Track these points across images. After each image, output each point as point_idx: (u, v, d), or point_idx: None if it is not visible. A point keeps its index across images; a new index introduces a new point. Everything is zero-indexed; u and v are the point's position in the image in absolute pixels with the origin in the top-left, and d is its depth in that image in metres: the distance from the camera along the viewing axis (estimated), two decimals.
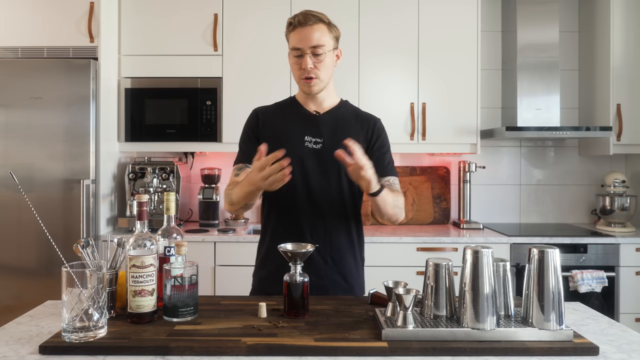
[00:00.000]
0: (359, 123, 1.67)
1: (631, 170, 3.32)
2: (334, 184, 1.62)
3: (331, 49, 1.58)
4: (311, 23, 1.54)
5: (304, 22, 1.54)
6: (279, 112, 1.69)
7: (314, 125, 1.64)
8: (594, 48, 3.17)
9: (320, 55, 1.55)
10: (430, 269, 1.19)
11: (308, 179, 1.60)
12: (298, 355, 1.05)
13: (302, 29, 1.55)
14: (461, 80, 3.00)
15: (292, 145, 1.58)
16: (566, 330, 1.10)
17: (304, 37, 1.54)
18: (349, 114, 1.69)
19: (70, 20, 2.74)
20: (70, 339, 1.07)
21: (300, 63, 1.56)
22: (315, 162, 1.60)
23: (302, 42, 1.54)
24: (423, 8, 2.99)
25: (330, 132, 1.63)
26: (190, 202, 3.29)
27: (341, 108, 1.69)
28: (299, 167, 1.57)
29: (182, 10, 2.97)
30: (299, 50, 1.55)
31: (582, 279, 2.67)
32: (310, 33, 1.54)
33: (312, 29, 1.54)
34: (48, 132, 2.65)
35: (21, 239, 2.64)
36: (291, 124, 1.65)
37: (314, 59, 1.55)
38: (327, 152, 1.57)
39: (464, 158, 3.31)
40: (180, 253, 1.28)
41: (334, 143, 1.57)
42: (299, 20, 1.55)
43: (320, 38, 1.54)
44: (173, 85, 2.96)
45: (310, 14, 1.56)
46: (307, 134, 1.62)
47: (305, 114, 1.66)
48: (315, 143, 1.62)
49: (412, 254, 2.71)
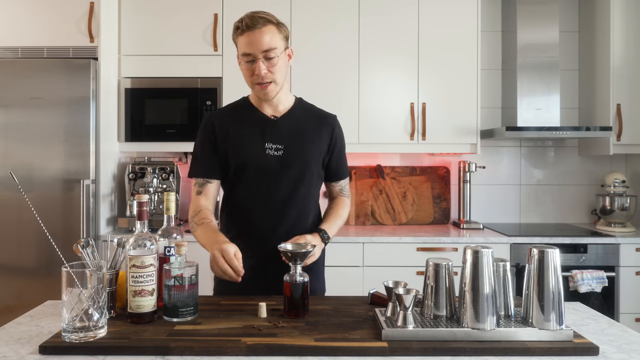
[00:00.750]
0: (317, 125, 1.64)
1: (631, 170, 3.32)
2: (301, 189, 1.59)
3: (283, 50, 1.52)
4: (260, 26, 1.47)
5: (252, 25, 1.46)
6: (235, 118, 1.62)
7: (273, 130, 1.59)
8: (594, 48, 3.17)
9: (273, 59, 1.49)
10: (430, 269, 1.19)
11: (272, 187, 1.56)
12: (298, 355, 1.05)
13: (251, 32, 1.47)
14: (461, 80, 3.00)
15: (253, 153, 1.56)
16: (566, 330, 1.10)
17: (254, 41, 1.47)
18: (306, 114, 1.65)
19: (70, 20, 2.74)
20: (70, 339, 1.07)
21: (253, 69, 1.49)
22: (278, 169, 1.56)
23: (253, 46, 1.47)
24: (423, 8, 2.99)
25: (290, 137, 1.59)
26: (190, 202, 3.28)
27: (297, 108, 1.65)
28: (262, 175, 1.56)
29: (182, 10, 2.97)
30: (250, 56, 1.48)
31: (582, 279, 2.67)
32: (260, 36, 1.47)
33: (261, 32, 1.47)
34: (48, 132, 2.65)
35: (21, 239, 2.64)
36: (250, 131, 1.59)
37: (267, 64, 1.49)
38: (289, 158, 1.57)
39: (464, 158, 3.31)
40: (180, 253, 1.28)
41: (295, 148, 1.57)
42: (246, 23, 1.47)
43: (271, 41, 1.48)
44: (173, 85, 2.96)
45: (257, 15, 1.48)
46: (268, 141, 1.58)
47: (262, 119, 1.60)
48: (277, 150, 1.57)
49: (412, 254, 2.71)
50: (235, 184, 1.60)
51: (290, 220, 1.57)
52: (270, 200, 1.56)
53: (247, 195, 1.58)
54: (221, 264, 1.31)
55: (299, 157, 1.58)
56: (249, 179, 1.57)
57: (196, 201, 1.59)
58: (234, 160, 1.58)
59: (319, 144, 1.63)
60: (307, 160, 1.60)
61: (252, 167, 1.56)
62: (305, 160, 1.59)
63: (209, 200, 1.61)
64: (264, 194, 1.56)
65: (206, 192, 1.60)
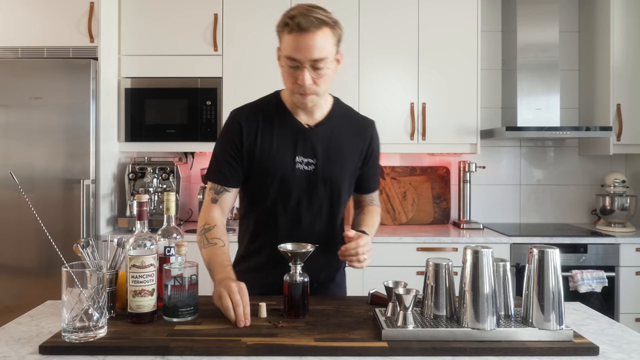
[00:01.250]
0: (354, 136, 1.50)
1: (631, 170, 3.32)
2: (325, 211, 1.47)
3: (333, 57, 1.35)
4: (314, 28, 1.27)
5: (305, 27, 1.27)
6: (264, 121, 1.45)
7: (305, 142, 1.43)
8: (594, 48, 3.17)
9: (321, 70, 1.32)
10: (430, 269, 1.19)
11: (298, 204, 1.45)
12: (298, 355, 1.05)
13: (301, 36, 1.28)
14: (461, 80, 3.00)
15: (281, 166, 1.42)
16: (566, 330, 1.10)
17: (304, 47, 1.28)
18: (343, 122, 1.50)
19: (70, 20, 2.74)
20: (70, 339, 1.07)
21: (296, 76, 1.32)
22: (306, 186, 1.44)
23: (301, 53, 1.29)
24: (423, 8, 2.99)
25: (324, 151, 1.44)
26: (190, 202, 3.29)
27: (334, 115, 1.49)
28: (289, 191, 1.43)
29: (182, 11, 2.97)
30: (296, 62, 1.31)
31: (582, 279, 2.67)
32: (312, 42, 1.28)
33: (314, 36, 1.27)
34: (48, 132, 2.65)
35: (21, 239, 2.64)
36: (280, 140, 1.43)
37: (314, 73, 1.32)
38: (321, 176, 1.44)
39: (464, 158, 3.31)
40: (180, 253, 1.28)
41: (328, 166, 1.45)
42: (298, 23, 1.27)
43: (323, 48, 1.29)
44: (173, 85, 2.96)
45: (312, 15, 1.27)
46: (299, 154, 1.43)
47: (296, 127, 1.44)
48: (308, 164, 1.43)
49: (412, 254, 2.71)
50: (257, 194, 1.48)
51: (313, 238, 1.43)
52: (295, 219, 1.45)
53: (270, 210, 1.46)
54: (224, 306, 1.20)
55: (331, 176, 1.45)
56: (273, 193, 1.45)
57: (210, 211, 1.46)
58: (258, 171, 1.44)
59: (354, 158, 1.50)
60: (339, 179, 1.47)
61: (278, 181, 1.43)
62: (338, 179, 1.47)
63: (224, 213, 1.48)
64: (289, 212, 1.45)
65: (222, 202, 1.46)
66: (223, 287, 1.23)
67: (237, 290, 1.21)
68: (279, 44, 1.37)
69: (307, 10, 1.29)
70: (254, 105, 1.49)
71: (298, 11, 1.30)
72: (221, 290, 1.23)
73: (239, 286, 1.23)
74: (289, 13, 1.31)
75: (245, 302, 1.20)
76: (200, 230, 1.45)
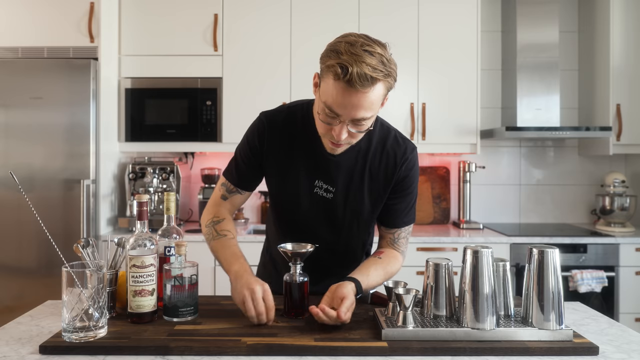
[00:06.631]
0: (383, 161, 1.35)
1: (631, 170, 3.33)
2: (343, 239, 1.42)
3: (378, 109, 1.19)
4: (366, 88, 1.10)
5: (360, 84, 1.08)
6: (290, 136, 1.34)
7: (328, 167, 1.34)
8: (594, 48, 3.17)
9: (362, 126, 1.19)
10: (430, 269, 1.19)
11: (313, 232, 1.39)
12: (298, 355, 1.05)
13: (351, 93, 1.10)
14: (461, 80, 3.00)
15: (298, 188, 1.36)
16: (566, 330, 1.10)
17: (350, 105, 1.12)
18: (374, 147, 1.34)
19: (70, 20, 2.74)
20: (70, 339, 1.07)
21: (332, 124, 1.18)
22: (322, 213, 1.38)
23: (346, 110, 1.14)
24: (423, 8, 2.99)
25: (345, 178, 1.34)
26: (191, 202, 3.29)
27: (366, 139, 1.32)
28: (303, 216, 1.39)
29: (182, 10, 2.97)
30: (336, 115, 1.16)
31: (582, 279, 2.67)
32: (360, 102, 1.12)
33: (364, 96, 1.11)
34: (48, 132, 2.65)
35: (21, 239, 2.64)
36: (301, 160, 1.34)
37: (353, 127, 1.18)
38: (339, 203, 1.36)
39: (464, 158, 3.31)
40: (181, 253, 1.28)
41: (348, 195, 1.35)
42: (352, 78, 1.08)
43: (371, 107, 1.14)
44: (173, 85, 2.96)
45: (368, 74, 1.08)
46: (319, 178, 1.34)
47: (320, 153, 1.33)
48: (327, 191, 1.35)
49: (412, 254, 2.71)
50: (273, 211, 1.48)
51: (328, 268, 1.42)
52: (313, 239, 1.36)
53: (289, 224, 1.43)
54: (244, 305, 1.17)
55: (350, 206, 1.37)
56: (287, 215, 1.42)
57: (219, 206, 1.45)
58: (274, 189, 1.41)
59: (379, 185, 1.36)
60: (360, 208, 1.38)
61: (292, 204, 1.38)
62: (358, 208, 1.37)
63: (232, 211, 1.47)
64: (307, 231, 1.40)
65: (232, 201, 1.45)
66: (246, 290, 1.18)
67: (261, 294, 1.17)
68: (320, 79, 1.19)
69: (366, 63, 1.08)
70: (282, 114, 1.37)
71: (353, 60, 1.08)
72: (245, 293, 1.17)
73: (263, 288, 1.19)
74: (341, 58, 1.09)
75: (269, 306, 1.17)
76: (209, 222, 1.42)
